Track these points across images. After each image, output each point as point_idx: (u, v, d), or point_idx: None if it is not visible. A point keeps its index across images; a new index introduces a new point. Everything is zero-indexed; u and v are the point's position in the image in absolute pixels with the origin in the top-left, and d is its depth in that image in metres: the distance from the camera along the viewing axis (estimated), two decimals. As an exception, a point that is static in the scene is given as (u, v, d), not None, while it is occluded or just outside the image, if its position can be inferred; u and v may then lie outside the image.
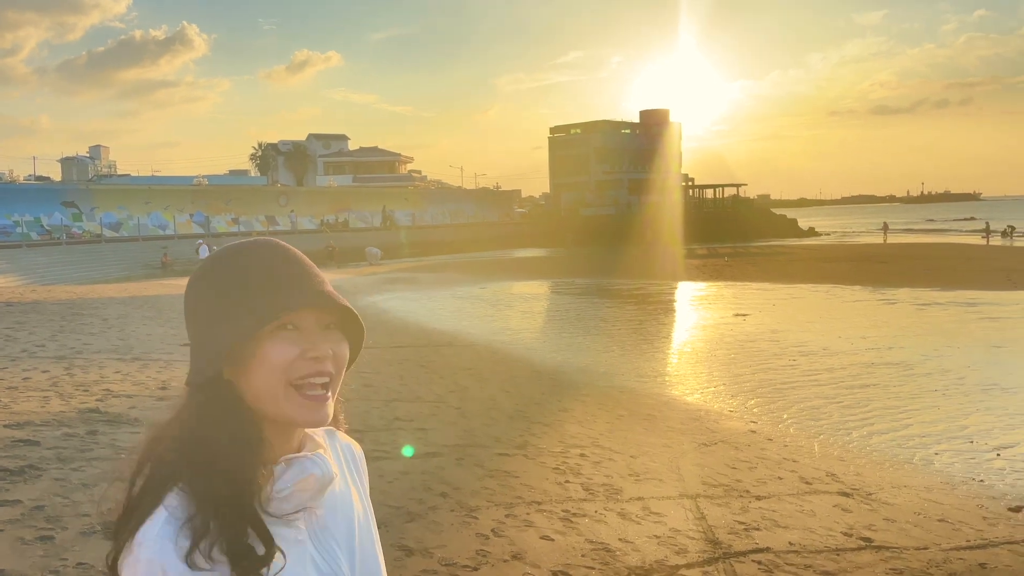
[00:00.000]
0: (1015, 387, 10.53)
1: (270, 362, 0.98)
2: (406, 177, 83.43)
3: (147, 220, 49.00)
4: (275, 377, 0.98)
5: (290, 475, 1.00)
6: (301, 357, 0.98)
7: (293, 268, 1.02)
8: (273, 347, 0.98)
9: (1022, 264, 30.47)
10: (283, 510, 1.00)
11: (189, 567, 0.90)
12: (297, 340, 0.99)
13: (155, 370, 9.42)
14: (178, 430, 0.99)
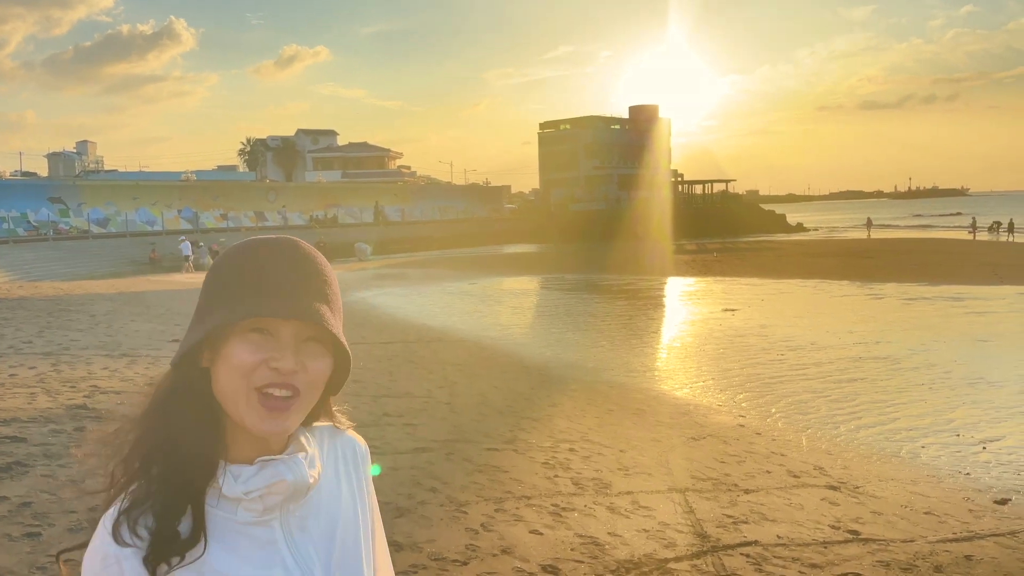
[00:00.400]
0: (1001, 381, 10.61)
1: (232, 362, 0.97)
2: (395, 173, 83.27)
3: (135, 216, 48.73)
4: (236, 378, 0.97)
5: (261, 478, 1.00)
6: (264, 364, 0.97)
7: (289, 274, 1.00)
8: (237, 347, 0.97)
9: (1008, 259, 30.70)
10: (253, 510, 1.00)
11: (113, 538, 0.94)
12: (264, 347, 0.98)
13: (143, 366, 9.37)
14: (148, 405, 1.02)
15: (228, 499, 0.99)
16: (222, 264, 1.04)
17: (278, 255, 1.01)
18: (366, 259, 41.60)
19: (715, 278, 28.20)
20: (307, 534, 1.04)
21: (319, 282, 1.02)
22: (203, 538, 0.96)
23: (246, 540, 0.99)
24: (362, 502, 1.13)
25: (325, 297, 1.02)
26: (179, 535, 0.95)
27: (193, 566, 0.95)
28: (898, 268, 28.19)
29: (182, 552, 0.95)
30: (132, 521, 0.95)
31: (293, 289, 0.99)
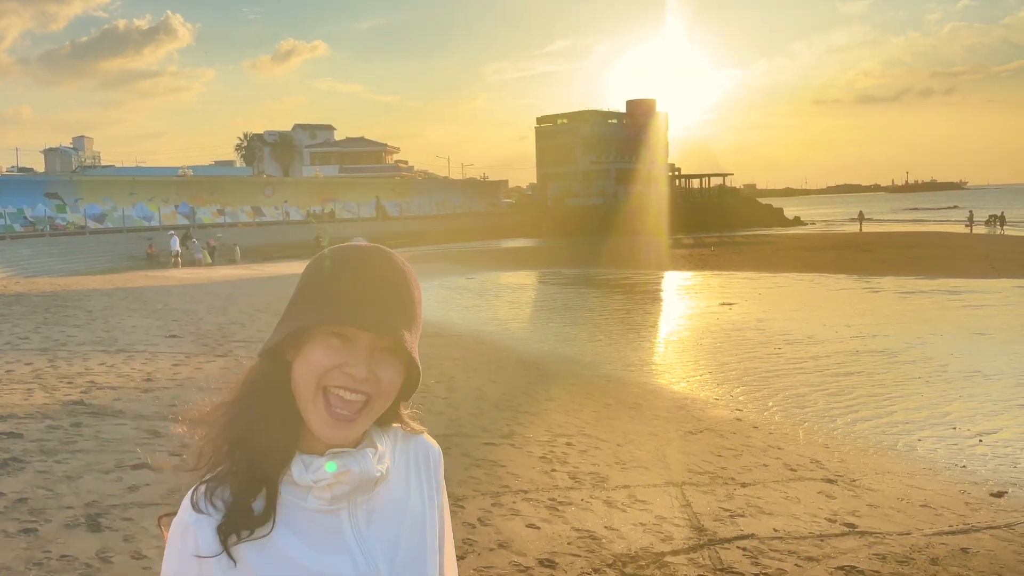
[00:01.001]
0: (997, 374, 10.64)
1: (310, 361, 1.04)
2: (392, 167, 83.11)
3: (132, 211, 48.59)
4: (310, 377, 1.03)
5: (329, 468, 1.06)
6: (338, 368, 1.03)
7: (375, 285, 1.05)
8: (316, 349, 1.04)
9: (1004, 252, 30.74)
10: (322, 498, 1.06)
11: (192, 507, 1.03)
12: (341, 352, 1.03)
13: (140, 362, 9.36)
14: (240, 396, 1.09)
15: (299, 486, 1.05)
16: (317, 266, 1.09)
17: (368, 266, 1.07)
18: (363, 254, 41.51)
19: (712, 272, 28.21)
20: (373, 527, 1.09)
21: (403, 297, 1.07)
22: (272, 518, 1.03)
23: (313, 526, 1.05)
24: (431, 504, 1.17)
25: (406, 312, 1.07)
26: (252, 511, 1.02)
27: (259, 543, 1.02)
28: (895, 262, 28.22)
29: (252, 526, 1.02)
30: (211, 493, 1.03)
31: (376, 301, 1.04)
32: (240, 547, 1.01)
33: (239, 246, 39.65)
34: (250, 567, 1.02)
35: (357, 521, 1.08)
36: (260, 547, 1.02)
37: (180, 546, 1.03)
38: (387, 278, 1.07)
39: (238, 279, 25.62)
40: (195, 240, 38.12)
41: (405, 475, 1.15)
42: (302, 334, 1.05)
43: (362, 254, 1.08)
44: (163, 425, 6.34)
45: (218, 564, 1.01)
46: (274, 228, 52.16)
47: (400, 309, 1.06)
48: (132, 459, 5.33)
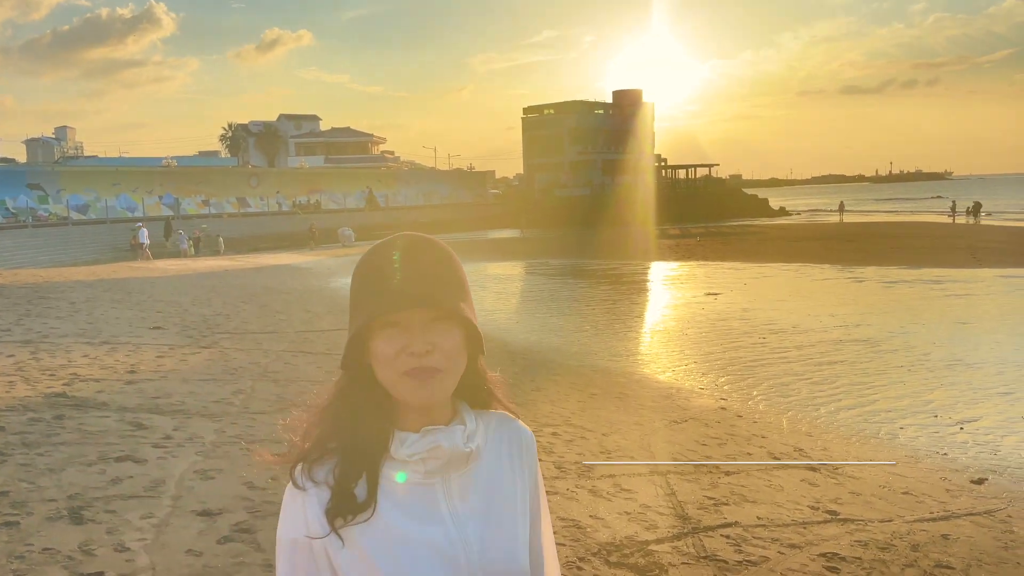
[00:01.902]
0: (979, 362, 10.75)
1: (378, 357, 1.11)
2: (379, 158, 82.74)
3: (115, 202, 48.19)
4: (386, 368, 1.11)
5: (422, 444, 1.13)
6: (403, 352, 1.09)
7: (403, 267, 1.11)
8: (378, 344, 1.11)
9: (986, 242, 31.03)
10: (417, 472, 1.14)
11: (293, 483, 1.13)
12: (398, 337, 1.10)
13: (124, 354, 9.30)
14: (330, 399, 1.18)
15: (396, 461, 1.14)
16: (359, 269, 1.17)
17: (392, 252, 1.13)
18: (350, 245, 41.41)
19: (698, 262, 28.31)
20: (466, 503, 1.16)
21: (438, 269, 1.13)
22: (374, 504, 1.11)
23: (411, 498, 1.13)
24: (524, 486, 1.23)
25: (445, 281, 1.13)
26: (355, 497, 1.11)
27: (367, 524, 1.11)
28: (878, 252, 28.42)
29: (356, 511, 1.10)
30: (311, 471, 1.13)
31: (406, 281, 1.10)
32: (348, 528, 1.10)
33: (222, 237, 39.26)
34: (358, 543, 1.10)
35: (451, 495, 1.15)
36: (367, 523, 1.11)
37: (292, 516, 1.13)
38: (419, 257, 1.13)
39: (223, 270, 25.48)
40: (181, 232, 37.80)
41: (498, 457, 1.21)
42: (364, 336, 1.12)
43: (384, 245, 1.15)
44: (147, 417, 6.31)
45: (329, 541, 1.10)
46: (260, 219, 51.88)
47: (438, 281, 1.12)
48: (115, 451, 5.31)
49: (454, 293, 1.13)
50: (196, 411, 6.66)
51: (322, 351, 10.40)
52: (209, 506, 4.41)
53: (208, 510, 4.36)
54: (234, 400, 7.19)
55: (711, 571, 4.20)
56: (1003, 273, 21.30)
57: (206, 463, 5.20)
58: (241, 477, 4.92)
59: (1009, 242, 31.10)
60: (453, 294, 1.13)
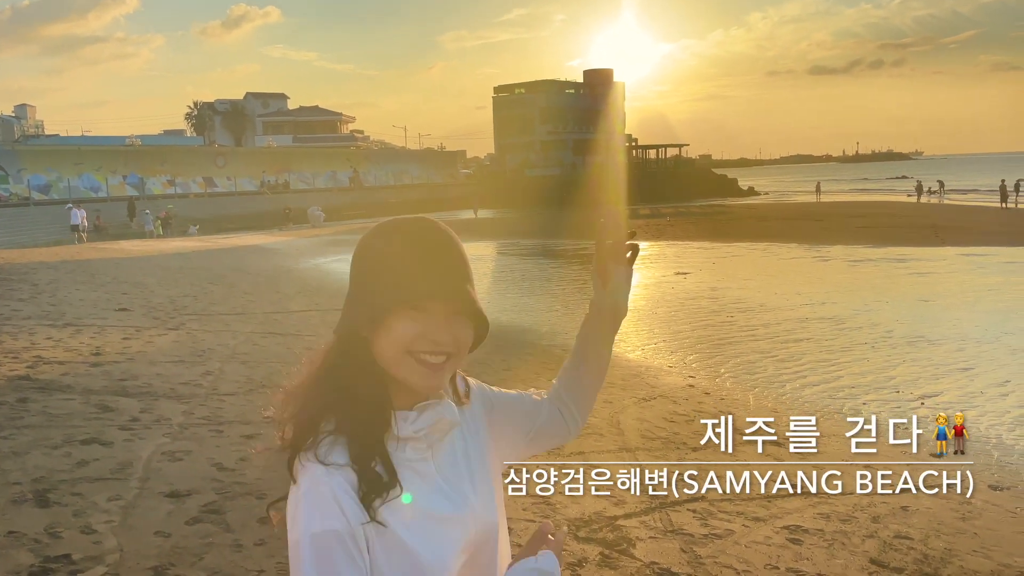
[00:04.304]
0: (940, 339, 10.99)
1: (394, 335, 1.13)
2: (348, 137, 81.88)
3: (78, 182, 47.23)
4: (397, 347, 1.14)
5: (425, 418, 1.17)
6: (423, 337, 1.14)
7: (440, 257, 1.16)
8: (399, 324, 1.13)
9: (949, 220, 31.60)
10: (419, 448, 1.17)
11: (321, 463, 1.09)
12: (421, 322, 1.14)
13: (88, 336, 9.17)
14: (324, 372, 1.17)
15: (399, 439, 1.15)
16: (376, 246, 1.18)
17: (426, 237, 1.17)
18: (320, 225, 41.03)
19: (668, 242, 28.50)
20: (457, 468, 1.21)
21: (460, 259, 1.18)
22: (398, 481, 1.12)
23: (412, 474, 1.15)
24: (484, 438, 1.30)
25: (467, 275, 1.18)
26: (380, 476, 1.11)
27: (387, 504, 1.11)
28: (845, 231, 28.82)
29: (387, 489, 1.10)
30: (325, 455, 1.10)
31: (445, 271, 1.15)
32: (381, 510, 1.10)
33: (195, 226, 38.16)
34: (391, 526, 1.10)
35: (441, 464, 1.19)
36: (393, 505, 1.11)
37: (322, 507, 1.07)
38: (444, 245, 1.17)
39: (191, 251, 25.14)
40: (147, 211, 37.09)
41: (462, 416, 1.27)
42: (379, 313, 1.14)
43: (416, 229, 1.18)
44: (113, 400, 6.25)
45: (372, 526, 1.09)
46: (227, 199, 51.17)
47: (461, 272, 1.17)
48: (81, 434, 5.26)
49: (472, 287, 1.19)
50: (163, 393, 6.60)
51: (292, 332, 10.34)
52: (177, 487, 4.40)
53: (176, 491, 4.34)
54: (202, 382, 7.13)
55: (678, 545, 4.28)
56: (965, 251, 21.73)
57: (174, 445, 5.17)
58: (210, 458, 4.90)
59: (971, 220, 31.72)
60: (472, 288, 1.19)
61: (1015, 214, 34.65)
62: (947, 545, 4.46)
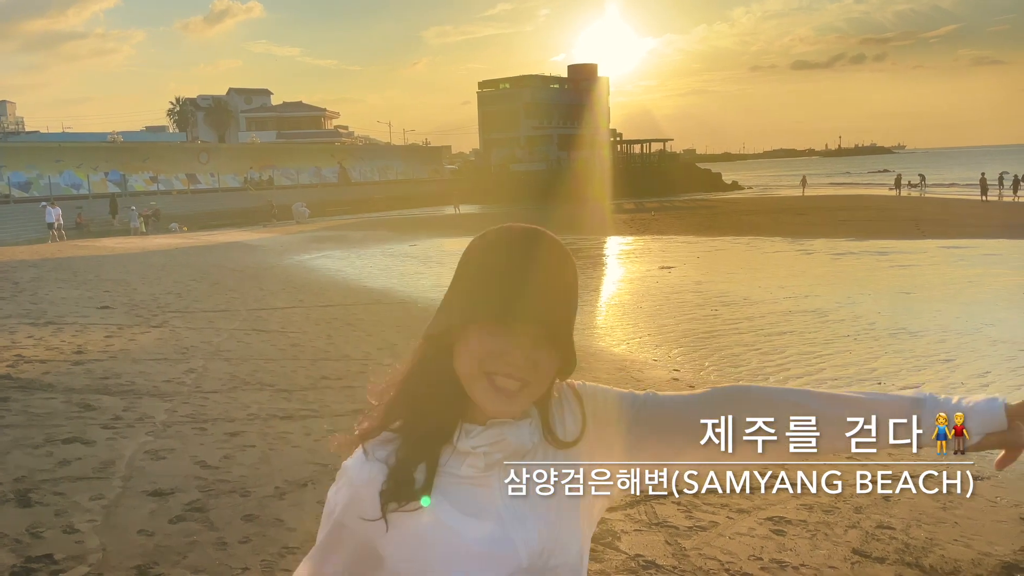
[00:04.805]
0: (921, 330, 11.09)
1: (470, 348, 1.07)
2: (332, 133, 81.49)
3: (59, 179, 46.77)
4: (472, 362, 1.07)
5: (486, 436, 1.10)
6: (498, 356, 1.06)
7: (534, 274, 1.08)
8: (478, 338, 1.06)
9: (929, 214, 31.88)
10: (476, 466, 1.10)
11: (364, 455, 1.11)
12: (500, 341, 1.06)
13: (70, 334, 9.10)
14: (405, 373, 1.15)
15: (458, 453, 1.10)
16: (477, 250, 1.13)
17: (527, 254, 1.09)
18: (304, 221, 40.84)
19: (653, 236, 28.59)
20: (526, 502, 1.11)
21: (560, 283, 1.10)
22: (429, 492, 1.08)
23: (466, 493, 1.10)
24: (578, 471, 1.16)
25: (563, 298, 1.10)
26: (413, 481, 1.08)
27: (416, 512, 1.08)
28: (827, 224, 29.01)
29: (412, 498, 1.07)
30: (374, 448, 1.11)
31: (539, 292, 1.07)
32: (396, 513, 1.08)
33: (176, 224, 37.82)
34: (405, 529, 1.08)
35: (506, 489, 1.11)
36: (416, 511, 1.08)
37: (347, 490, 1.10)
38: (548, 266, 1.10)
39: (174, 248, 24.96)
40: (133, 208, 36.70)
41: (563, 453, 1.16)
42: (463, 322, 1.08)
43: (518, 241, 1.11)
44: (95, 398, 6.20)
45: (376, 525, 1.09)
46: (210, 196, 50.83)
47: (558, 296, 1.09)
48: (63, 433, 5.22)
49: (570, 315, 1.11)
50: (146, 391, 6.56)
51: (276, 329, 10.30)
52: (160, 486, 4.38)
53: (160, 490, 4.32)
54: (185, 379, 7.09)
55: (663, 537, 4.30)
56: (945, 244, 21.93)
57: (157, 443, 5.14)
58: (193, 456, 4.88)
59: (952, 213, 32.02)
60: (569, 317, 1.11)
61: (995, 207, 35.00)
62: (928, 535, 4.51)
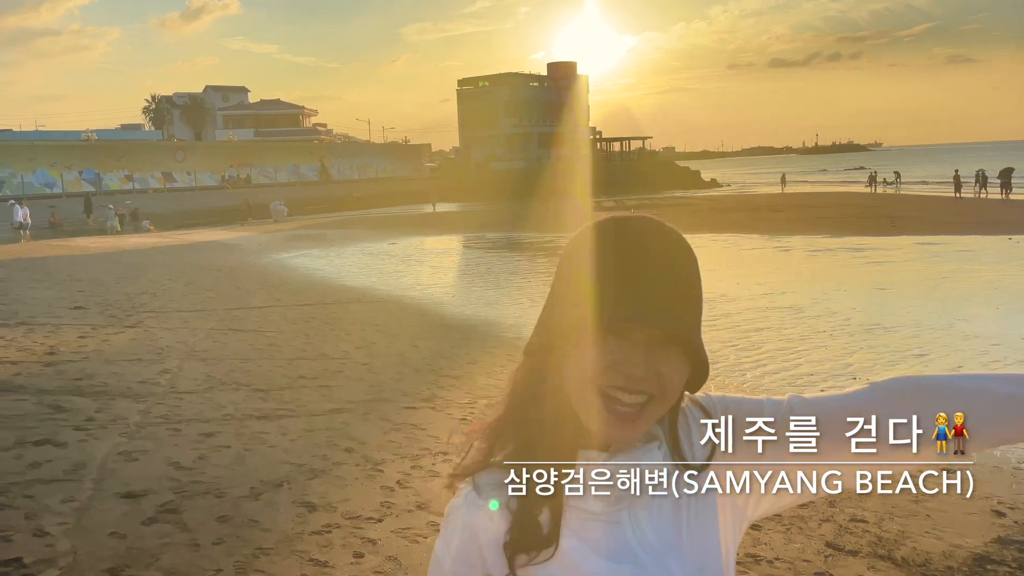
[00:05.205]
0: (896, 326, 11.22)
1: (581, 361, 0.92)
2: (311, 131, 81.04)
3: (32, 178, 46.17)
4: (582, 377, 0.93)
5: (614, 464, 0.95)
6: (614, 368, 0.91)
7: (649, 270, 0.93)
8: (589, 348, 0.92)
9: (904, 211, 32.25)
10: (603, 500, 0.95)
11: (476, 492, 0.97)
12: (616, 350, 0.91)
13: (42, 335, 8.98)
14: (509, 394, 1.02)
15: (581, 485, 0.95)
16: (577, 251, 0.97)
17: (640, 246, 0.94)
18: (282, 220, 40.57)
19: (632, 234, 28.66)
20: (659, 534, 0.97)
21: (682, 278, 0.95)
22: (557, 538, 0.94)
23: (596, 530, 0.95)
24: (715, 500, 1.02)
25: (687, 295, 0.94)
26: (539, 527, 0.94)
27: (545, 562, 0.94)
28: (804, 221, 29.27)
29: (540, 547, 0.94)
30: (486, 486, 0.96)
31: (653, 289, 0.91)
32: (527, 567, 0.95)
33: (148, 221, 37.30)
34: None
35: (639, 522, 0.96)
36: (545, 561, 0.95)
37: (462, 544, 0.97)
38: (663, 258, 0.95)
39: (150, 248, 24.71)
40: (110, 206, 36.23)
41: None
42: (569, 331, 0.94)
43: (626, 233, 0.96)
44: (67, 400, 6.13)
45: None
46: (187, 194, 50.37)
47: (680, 293, 0.94)
48: (34, 435, 5.15)
49: (696, 313, 0.95)
50: (120, 392, 6.49)
51: (253, 328, 10.22)
52: (133, 488, 4.33)
53: (132, 492, 4.28)
54: (160, 380, 7.02)
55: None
56: (920, 240, 22.21)
57: (130, 444, 5.08)
58: (167, 457, 4.83)
59: (926, 210, 32.41)
60: (695, 315, 0.95)
61: (968, 203, 35.47)
62: (901, 527, 4.57)
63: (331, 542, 3.94)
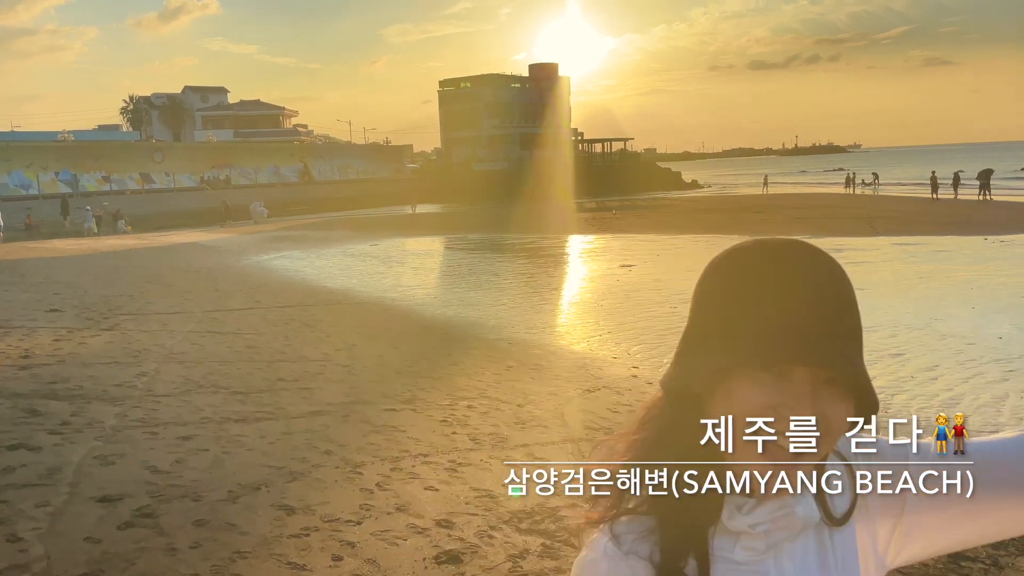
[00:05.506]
0: (873, 326, 11.31)
1: (733, 403, 0.85)
2: (291, 132, 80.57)
3: (7, 179, 45.53)
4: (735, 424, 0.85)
5: (766, 510, 0.87)
6: (771, 411, 0.83)
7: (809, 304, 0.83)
8: (742, 388, 0.84)
9: (883, 211, 32.58)
10: (752, 548, 0.88)
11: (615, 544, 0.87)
12: (775, 391, 0.83)
13: (16, 338, 8.86)
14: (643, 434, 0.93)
15: (728, 533, 0.88)
16: (723, 279, 0.90)
17: (795, 275, 0.85)
18: (262, 221, 40.30)
19: (613, 235, 28.78)
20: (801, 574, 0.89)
21: (843, 309, 0.86)
22: None
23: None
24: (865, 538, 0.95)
25: (848, 330, 0.86)
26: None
27: None
28: (784, 222, 29.49)
29: None
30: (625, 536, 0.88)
31: (814, 324, 0.83)
32: None
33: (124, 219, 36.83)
34: None
35: (783, 572, 0.88)
36: None
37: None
38: (823, 287, 0.85)
39: (127, 250, 24.46)
40: (88, 208, 35.76)
41: None
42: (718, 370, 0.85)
43: (779, 261, 0.87)
44: (42, 403, 6.05)
45: None
46: (165, 195, 49.93)
47: (842, 324, 0.85)
48: (7, 439, 5.08)
49: (858, 348, 0.87)
50: (96, 395, 6.41)
51: (232, 331, 10.14)
52: (109, 492, 4.28)
53: (108, 496, 4.22)
54: (137, 383, 6.95)
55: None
56: (898, 241, 22.45)
57: (106, 448, 5.02)
58: (144, 461, 4.78)
59: (904, 211, 32.77)
60: (858, 350, 0.86)
61: (945, 205, 35.90)
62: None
63: (309, 545, 3.92)
